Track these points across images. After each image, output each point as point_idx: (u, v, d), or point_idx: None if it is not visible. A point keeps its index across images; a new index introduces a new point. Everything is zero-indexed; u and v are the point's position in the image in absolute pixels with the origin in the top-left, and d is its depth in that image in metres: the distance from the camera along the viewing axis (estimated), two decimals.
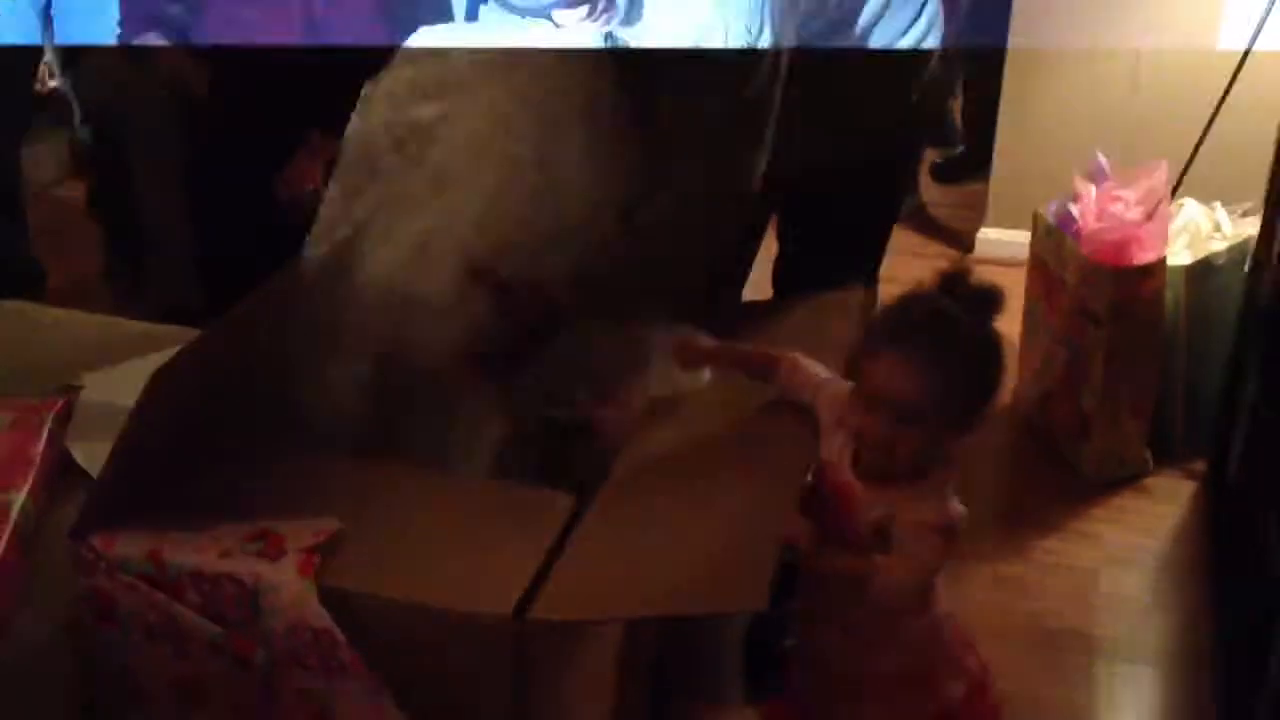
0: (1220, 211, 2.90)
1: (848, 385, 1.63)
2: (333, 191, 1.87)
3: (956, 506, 1.57)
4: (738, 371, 1.78)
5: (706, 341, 1.79)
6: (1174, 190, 2.87)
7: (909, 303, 1.58)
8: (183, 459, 1.63)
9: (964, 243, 3.96)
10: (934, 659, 1.67)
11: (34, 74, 3.68)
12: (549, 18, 1.82)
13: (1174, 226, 2.82)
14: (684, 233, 1.83)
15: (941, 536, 1.54)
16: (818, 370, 1.71)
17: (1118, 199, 2.73)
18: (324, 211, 1.87)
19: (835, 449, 1.63)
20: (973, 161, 4.26)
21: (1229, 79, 3.05)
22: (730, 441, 1.75)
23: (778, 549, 1.45)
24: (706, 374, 1.81)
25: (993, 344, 1.54)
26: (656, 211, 1.83)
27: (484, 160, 1.85)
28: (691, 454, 1.73)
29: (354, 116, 1.87)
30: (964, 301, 1.54)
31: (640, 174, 1.87)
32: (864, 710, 1.67)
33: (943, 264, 1.59)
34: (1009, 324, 3.06)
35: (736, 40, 1.77)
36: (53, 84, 3.93)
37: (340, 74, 1.97)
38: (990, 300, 1.54)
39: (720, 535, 1.52)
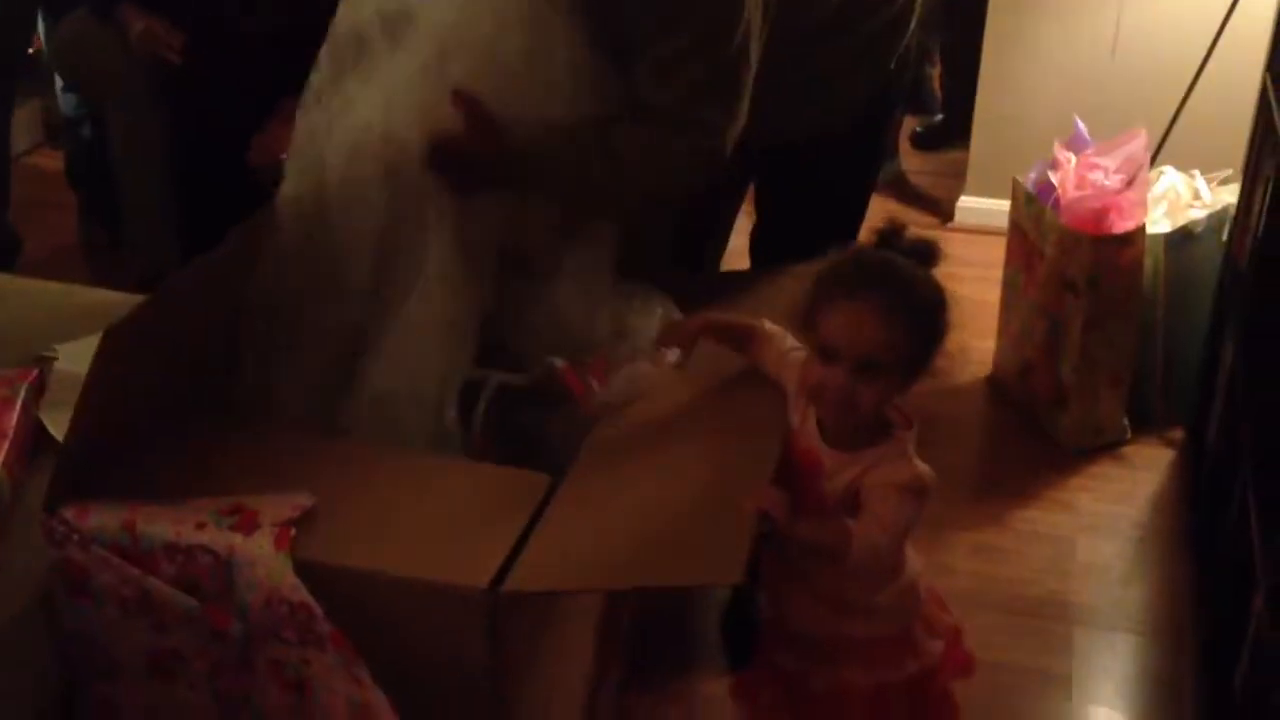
0: (1199, 179, 2.90)
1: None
2: (322, 59, 1.86)
3: (922, 465, 1.58)
4: (719, 342, 1.78)
5: (691, 319, 1.80)
6: (1153, 158, 2.86)
7: (855, 256, 1.60)
8: (149, 423, 1.62)
9: (944, 211, 3.96)
10: (910, 620, 1.68)
11: (27, 41, 3.65)
12: None
13: (1153, 194, 2.82)
14: (651, 166, 1.84)
15: (910, 496, 1.55)
16: (786, 340, 1.71)
17: (1097, 167, 2.73)
18: (312, 79, 1.87)
19: (801, 416, 1.64)
20: (953, 129, 4.25)
21: (1208, 47, 3.04)
22: (705, 413, 1.75)
23: (755, 522, 1.45)
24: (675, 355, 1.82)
25: (938, 291, 1.57)
26: (628, 137, 1.82)
27: (463, 47, 1.84)
28: (666, 425, 1.73)
29: None
30: (903, 254, 1.57)
31: (615, 102, 1.86)
32: (842, 675, 1.67)
33: (926, 233, 1.61)
34: (988, 293, 3.08)
35: None
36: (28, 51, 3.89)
37: (315, 40, 1.96)
38: (928, 252, 1.58)
39: (697, 508, 1.52)
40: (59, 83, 3.64)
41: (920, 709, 1.71)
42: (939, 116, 4.47)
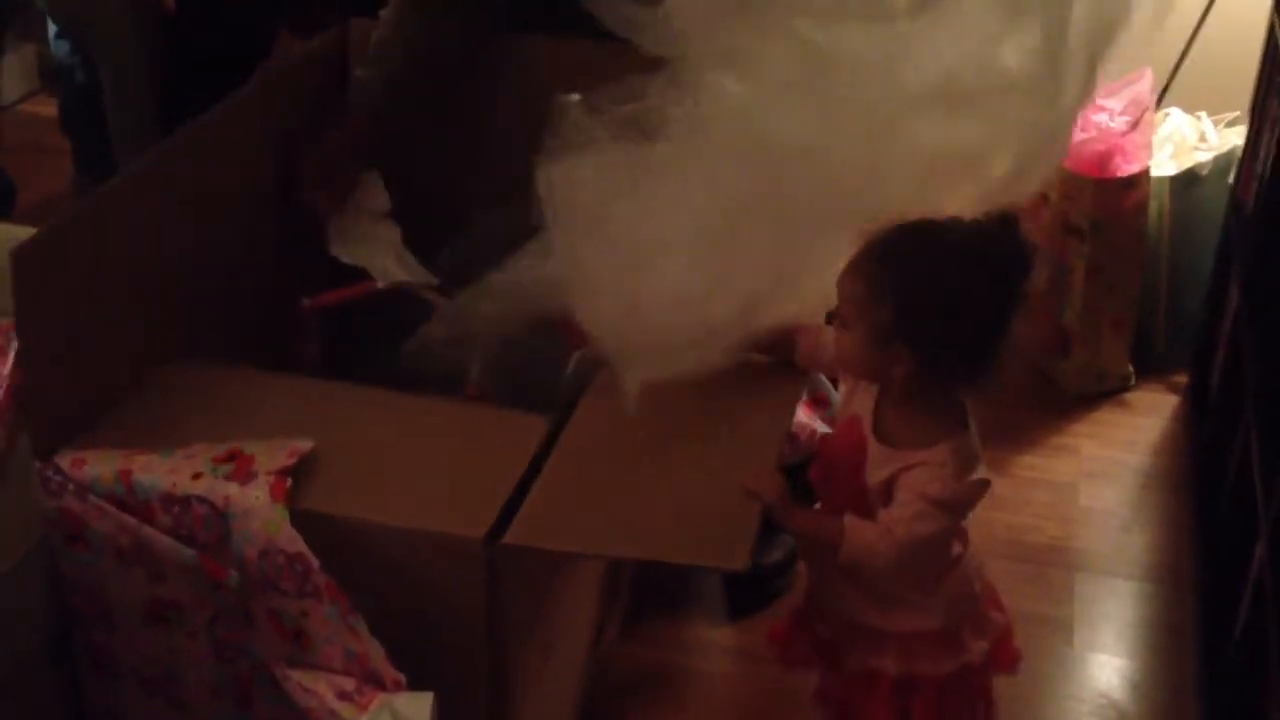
0: (1206, 121, 2.87)
1: None
2: None
3: (966, 482, 1.50)
4: (763, 352, 1.70)
5: None
6: (1159, 99, 2.83)
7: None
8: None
9: None
10: (957, 619, 1.61)
11: None
12: None
13: (1158, 136, 2.79)
14: None
15: (934, 510, 1.48)
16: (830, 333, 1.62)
17: (1102, 108, 2.70)
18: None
19: (860, 403, 1.57)
20: None
21: None
22: (715, 385, 1.70)
23: (762, 508, 1.43)
24: None
25: (970, 260, 1.52)
26: None
27: None
28: (675, 388, 1.69)
29: None
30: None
31: None
32: (875, 660, 1.61)
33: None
34: None
35: None
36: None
37: None
38: (1007, 221, 1.56)
39: (704, 483, 1.49)
40: (51, 29, 3.59)
41: (955, 704, 1.64)
42: None
